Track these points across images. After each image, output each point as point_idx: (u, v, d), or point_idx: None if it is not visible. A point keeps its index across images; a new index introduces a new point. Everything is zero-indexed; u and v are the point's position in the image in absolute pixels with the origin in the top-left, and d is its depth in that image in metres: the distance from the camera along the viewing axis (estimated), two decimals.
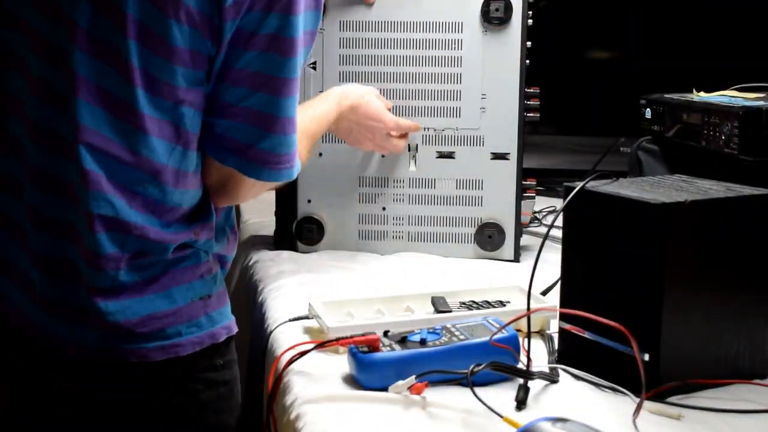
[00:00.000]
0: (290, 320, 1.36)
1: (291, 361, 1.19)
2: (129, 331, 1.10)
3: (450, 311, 1.34)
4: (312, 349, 1.20)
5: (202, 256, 1.16)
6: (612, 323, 1.09)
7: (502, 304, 1.39)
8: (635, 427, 1.03)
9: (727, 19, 2.85)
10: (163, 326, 1.12)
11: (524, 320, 1.20)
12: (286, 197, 1.77)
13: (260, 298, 1.55)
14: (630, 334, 1.07)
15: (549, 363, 1.22)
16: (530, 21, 1.72)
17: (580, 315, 1.15)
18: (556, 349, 1.25)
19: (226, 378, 1.20)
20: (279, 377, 1.19)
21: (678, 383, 1.11)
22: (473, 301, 1.40)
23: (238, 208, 1.82)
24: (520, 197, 1.75)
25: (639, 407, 1.05)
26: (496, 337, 1.14)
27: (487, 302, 1.40)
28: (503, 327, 1.16)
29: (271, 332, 1.35)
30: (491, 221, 1.76)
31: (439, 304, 1.36)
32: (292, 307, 1.43)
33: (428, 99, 1.75)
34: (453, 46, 1.73)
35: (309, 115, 1.47)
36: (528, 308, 1.21)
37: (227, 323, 1.19)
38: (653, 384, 1.09)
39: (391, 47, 1.74)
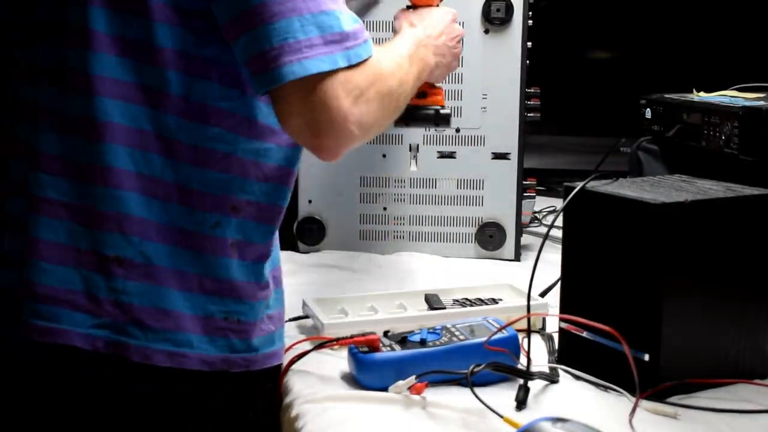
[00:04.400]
0: (290, 320, 1.36)
1: (292, 362, 1.19)
2: None
3: (443, 308, 1.35)
4: (312, 349, 1.20)
5: None
6: (603, 326, 1.09)
7: (494, 301, 1.40)
8: (631, 426, 1.03)
9: (728, 19, 2.84)
10: None
11: (522, 320, 1.20)
12: None
13: None
14: (621, 335, 1.07)
15: (549, 363, 1.22)
16: (531, 21, 1.72)
17: (573, 319, 1.16)
18: (555, 349, 1.25)
19: None
20: (279, 377, 1.19)
21: (678, 383, 1.11)
22: (466, 299, 1.41)
23: None
24: (520, 197, 1.76)
25: (635, 407, 1.05)
26: (496, 336, 1.14)
27: (480, 299, 1.41)
28: (503, 327, 1.16)
29: None
30: (492, 221, 1.76)
31: (433, 302, 1.36)
32: (292, 307, 1.43)
33: None
34: None
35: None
36: (528, 309, 1.21)
37: None
38: (653, 384, 1.09)
39: None
